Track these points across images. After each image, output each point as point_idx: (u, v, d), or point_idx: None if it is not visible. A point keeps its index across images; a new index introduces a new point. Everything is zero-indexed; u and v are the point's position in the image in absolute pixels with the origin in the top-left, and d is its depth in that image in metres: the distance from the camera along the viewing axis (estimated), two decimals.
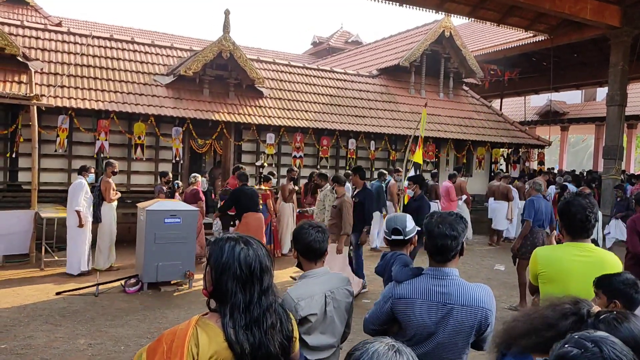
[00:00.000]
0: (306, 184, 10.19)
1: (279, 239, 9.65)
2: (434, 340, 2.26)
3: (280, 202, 9.78)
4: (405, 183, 7.51)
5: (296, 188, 10.26)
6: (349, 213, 6.75)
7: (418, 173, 8.18)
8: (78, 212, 7.60)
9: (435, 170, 12.67)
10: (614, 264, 2.64)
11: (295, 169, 10.46)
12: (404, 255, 2.68)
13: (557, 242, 3.15)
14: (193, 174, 9.22)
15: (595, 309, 1.66)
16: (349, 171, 9.72)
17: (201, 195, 8.90)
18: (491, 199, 12.00)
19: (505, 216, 11.70)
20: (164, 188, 8.83)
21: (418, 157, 8.16)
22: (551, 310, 1.69)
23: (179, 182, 9.56)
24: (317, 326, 2.55)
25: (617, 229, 10.73)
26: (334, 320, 2.61)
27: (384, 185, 10.53)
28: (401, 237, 2.75)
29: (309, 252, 2.64)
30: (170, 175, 9.24)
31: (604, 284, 2.27)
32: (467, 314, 2.23)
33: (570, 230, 2.72)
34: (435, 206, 11.08)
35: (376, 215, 10.21)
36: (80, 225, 7.66)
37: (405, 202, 7.36)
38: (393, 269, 2.49)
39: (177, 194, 9.00)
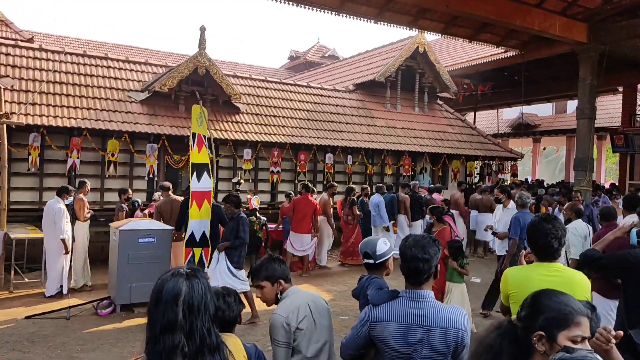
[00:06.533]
0: (345, 197, 10.79)
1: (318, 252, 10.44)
2: None
3: (320, 217, 10.16)
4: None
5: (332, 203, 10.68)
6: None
7: (204, 176, 6.77)
8: (63, 240, 7.49)
9: (440, 185, 13.19)
10: (583, 283, 2.68)
11: (335, 184, 10.87)
12: (378, 278, 2.69)
13: (528, 262, 3.16)
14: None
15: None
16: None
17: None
18: (474, 212, 12.13)
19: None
20: (124, 206, 8.67)
21: (202, 156, 6.81)
22: (487, 333, 1.74)
23: (138, 200, 9.44)
24: (310, 336, 2.65)
25: None
26: (323, 325, 2.74)
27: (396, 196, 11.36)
28: (371, 261, 2.77)
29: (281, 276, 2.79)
30: (130, 192, 9.09)
31: None
32: (444, 335, 2.25)
33: (536, 253, 2.78)
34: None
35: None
36: (67, 252, 7.56)
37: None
38: (369, 293, 2.49)
39: (137, 211, 8.88)
